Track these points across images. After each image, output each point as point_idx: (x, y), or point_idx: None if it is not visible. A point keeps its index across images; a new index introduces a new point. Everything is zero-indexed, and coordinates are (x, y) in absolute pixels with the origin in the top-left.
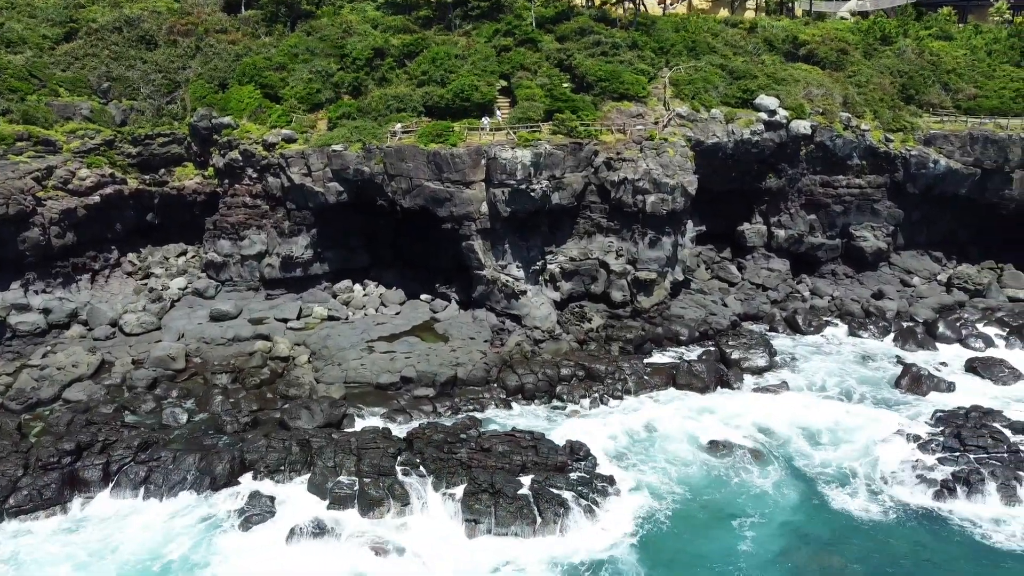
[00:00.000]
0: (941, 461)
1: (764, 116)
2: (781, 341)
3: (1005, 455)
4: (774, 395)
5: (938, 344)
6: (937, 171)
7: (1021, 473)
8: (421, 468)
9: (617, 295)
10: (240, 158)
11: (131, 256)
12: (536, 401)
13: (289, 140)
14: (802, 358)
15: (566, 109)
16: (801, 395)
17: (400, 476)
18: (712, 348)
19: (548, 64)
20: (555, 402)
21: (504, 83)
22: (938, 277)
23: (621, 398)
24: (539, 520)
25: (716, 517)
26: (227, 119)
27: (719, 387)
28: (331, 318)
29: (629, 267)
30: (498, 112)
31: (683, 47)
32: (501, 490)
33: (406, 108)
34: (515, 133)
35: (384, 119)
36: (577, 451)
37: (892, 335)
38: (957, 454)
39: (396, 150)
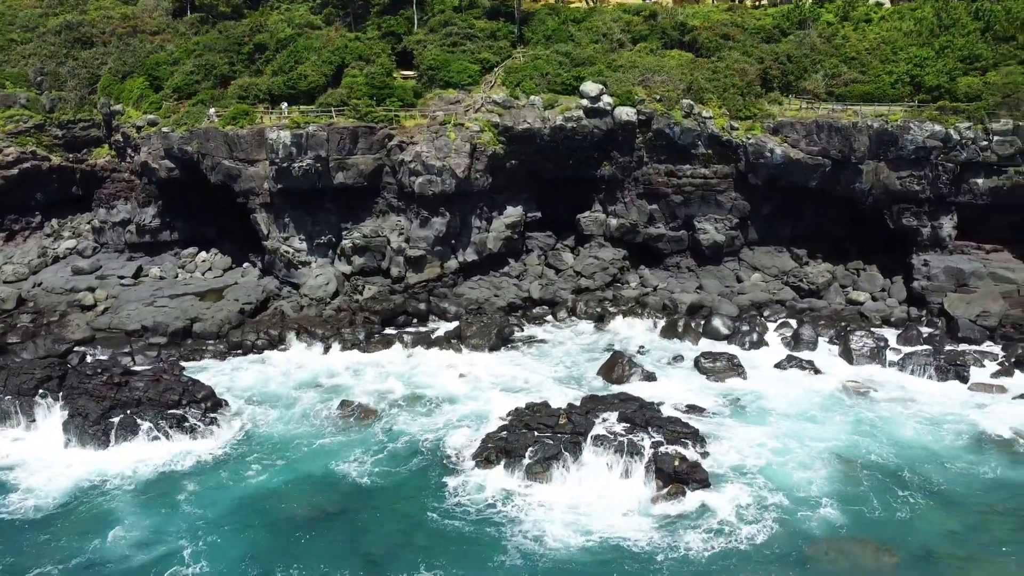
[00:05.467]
0: (505, 439)
1: (585, 103)
2: (547, 327)
3: (567, 438)
4: (457, 368)
5: (708, 340)
6: (775, 161)
7: (569, 456)
8: (59, 394)
9: (395, 271)
10: (122, 139)
11: (54, 221)
12: (252, 355)
13: (153, 124)
14: (546, 342)
15: (364, 96)
16: (489, 371)
17: (38, 398)
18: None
19: (385, 55)
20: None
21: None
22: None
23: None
24: (112, 442)
25: (263, 464)
26: (119, 106)
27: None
28: (162, 278)
29: (404, 245)
30: None
31: (542, 36)
32: (88, 415)
33: (248, 96)
34: (289, 116)
35: (215, 105)
36: (195, 393)
37: (660, 328)
38: (521, 435)
39: (204, 131)
